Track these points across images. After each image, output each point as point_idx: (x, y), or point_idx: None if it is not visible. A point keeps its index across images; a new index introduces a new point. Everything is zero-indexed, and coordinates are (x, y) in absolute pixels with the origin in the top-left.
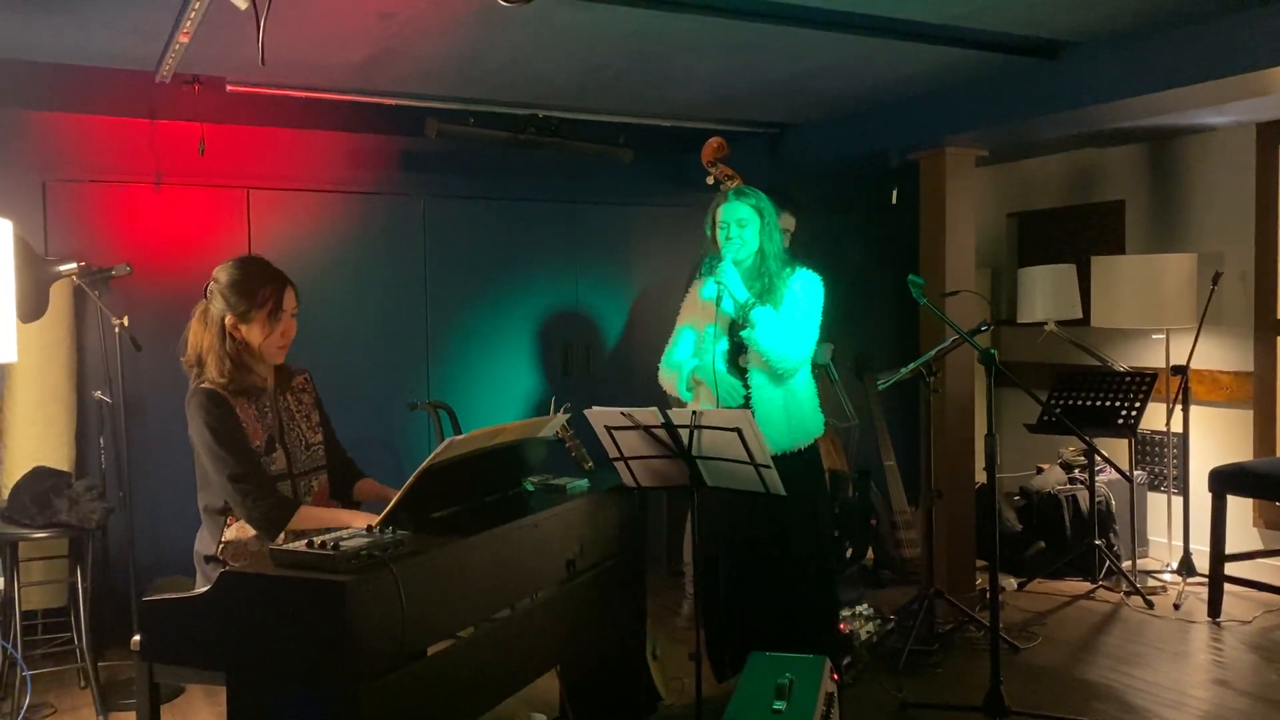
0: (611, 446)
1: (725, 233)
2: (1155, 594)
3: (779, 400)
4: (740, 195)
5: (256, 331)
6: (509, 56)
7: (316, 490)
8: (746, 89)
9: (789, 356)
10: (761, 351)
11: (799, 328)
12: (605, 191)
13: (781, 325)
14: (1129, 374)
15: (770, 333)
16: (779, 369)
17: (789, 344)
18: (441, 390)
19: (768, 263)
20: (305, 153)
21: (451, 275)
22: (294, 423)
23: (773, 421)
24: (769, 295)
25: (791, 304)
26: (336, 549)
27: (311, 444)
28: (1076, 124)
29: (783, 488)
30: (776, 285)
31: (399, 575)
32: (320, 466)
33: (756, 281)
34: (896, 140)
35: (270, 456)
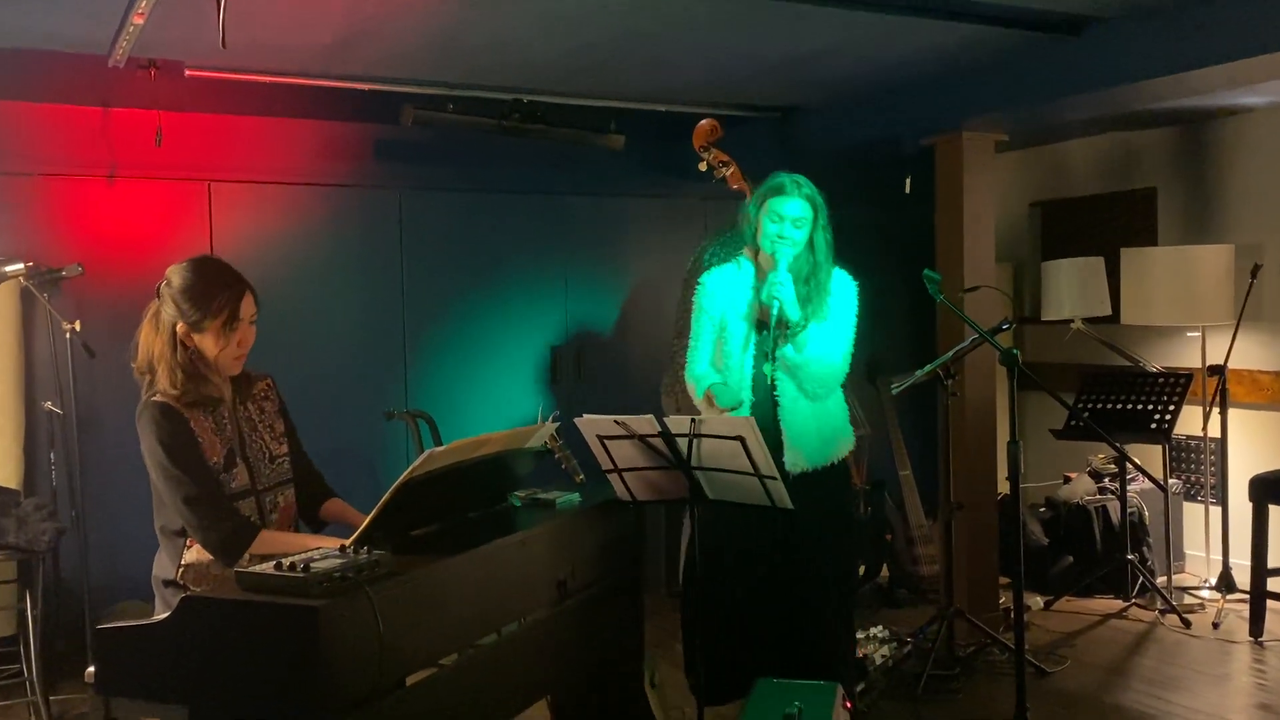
0: (604, 457)
1: (779, 231)
2: (1192, 612)
3: (810, 411)
4: (796, 186)
5: (210, 341)
6: (490, 37)
7: (283, 506)
8: (747, 71)
9: (831, 381)
10: (804, 378)
11: (844, 348)
12: (595, 182)
13: (829, 347)
14: (1162, 375)
15: (822, 359)
16: (817, 392)
17: (833, 370)
18: (420, 398)
19: (818, 271)
20: (271, 142)
21: (430, 274)
22: (256, 434)
23: (805, 434)
24: (815, 307)
25: (835, 317)
26: (307, 571)
27: (276, 456)
28: (1102, 106)
29: (789, 501)
30: (823, 291)
31: (375, 599)
32: (286, 480)
33: (802, 288)
34: (910, 125)
35: (230, 472)
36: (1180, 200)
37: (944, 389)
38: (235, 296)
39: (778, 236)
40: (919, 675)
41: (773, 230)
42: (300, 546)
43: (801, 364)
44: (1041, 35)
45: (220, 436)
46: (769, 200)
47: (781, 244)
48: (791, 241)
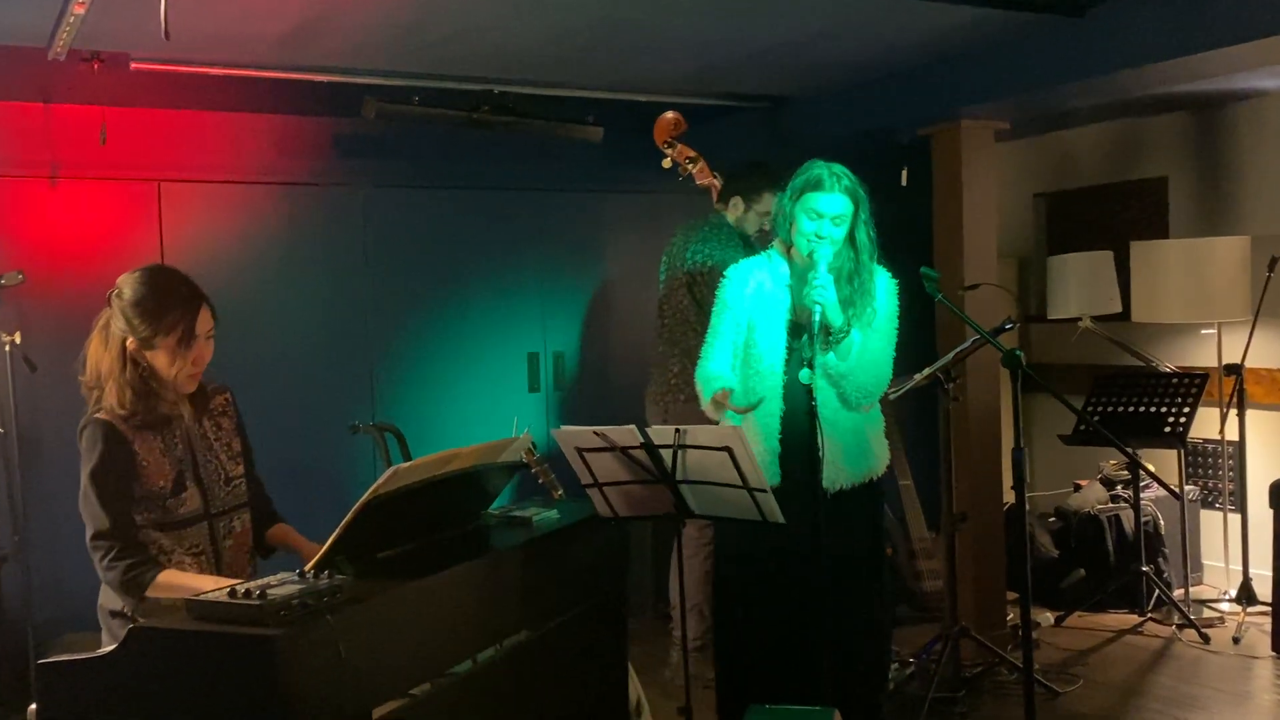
0: (584, 471)
1: (817, 229)
2: (1211, 626)
3: (851, 421)
4: (836, 180)
5: (164, 359)
6: (458, 24)
7: (238, 532)
8: (734, 58)
9: (875, 393)
10: (849, 389)
11: (890, 354)
12: (573, 177)
13: (873, 357)
14: (1176, 375)
15: (867, 368)
16: (859, 403)
17: (878, 380)
18: (388, 410)
19: (861, 271)
20: (224, 139)
21: (397, 277)
22: (211, 453)
23: (846, 446)
24: (859, 310)
25: (880, 322)
26: (263, 598)
27: (232, 478)
28: (1108, 91)
29: (781, 515)
30: (867, 293)
31: (337, 626)
32: (242, 504)
33: (845, 289)
34: (905, 114)
35: (179, 496)
36: (1193, 190)
37: (944, 393)
38: (190, 312)
39: (816, 235)
40: (923, 699)
41: (810, 228)
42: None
43: (846, 373)
44: (1043, 17)
45: (170, 457)
46: (806, 195)
47: (820, 244)
48: (831, 240)
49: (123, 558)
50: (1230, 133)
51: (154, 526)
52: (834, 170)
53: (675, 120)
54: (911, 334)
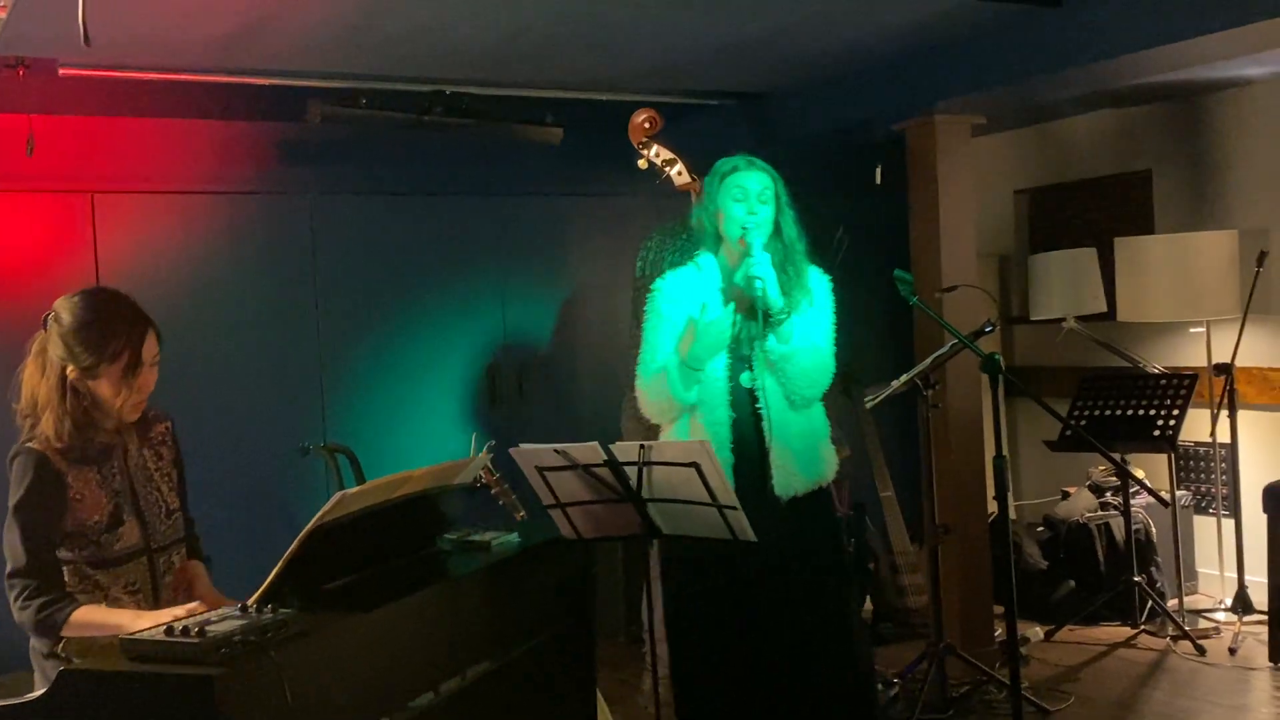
0: (545, 491)
1: (747, 208)
2: (1207, 637)
3: (799, 424)
4: (750, 162)
5: (107, 388)
6: (405, 22)
7: (178, 568)
8: (699, 54)
9: (820, 381)
10: (793, 375)
11: (827, 345)
12: (532, 180)
13: (814, 341)
14: (1164, 376)
15: (806, 351)
16: (805, 395)
17: (821, 366)
18: (341, 430)
19: (793, 254)
20: (161, 147)
21: (348, 289)
22: (151, 485)
23: (795, 451)
24: (795, 299)
25: (816, 312)
26: (201, 635)
27: (172, 510)
28: (1087, 83)
29: (753, 532)
30: (802, 281)
31: (282, 663)
32: (182, 538)
33: (781, 276)
34: (878, 109)
35: (115, 531)
36: (1178, 183)
37: (924, 400)
38: (136, 338)
39: (748, 215)
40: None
41: (740, 211)
42: (125, 625)
43: (789, 355)
44: (1020, 6)
45: (106, 490)
46: (728, 179)
47: (752, 224)
48: (760, 220)
49: (36, 597)
50: (1215, 123)
51: (88, 563)
52: (746, 156)
53: (650, 119)
54: (889, 339)
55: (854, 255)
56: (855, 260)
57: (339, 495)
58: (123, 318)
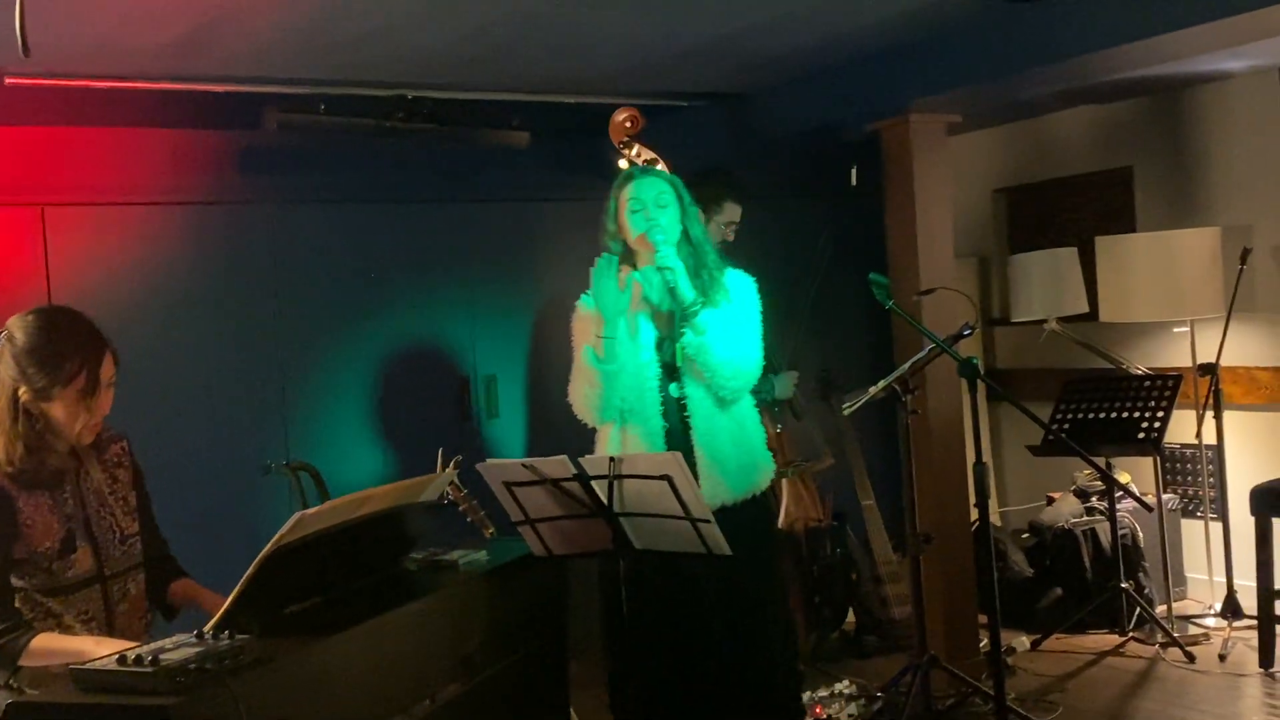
0: (514, 507)
1: (644, 215)
2: (1197, 644)
3: (728, 431)
4: (643, 170)
5: (61, 411)
6: (363, 25)
7: (133, 595)
8: (668, 54)
9: (742, 372)
10: (712, 365)
11: (752, 342)
12: (499, 186)
13: (733, 331)
14: (1148, 377)
15: (724, 341)
16: (729, 387)
17: (742, 356)
18: (304, 447)
19: (704, 254)
20: (113, 157)
21: (310, 301)
22: (105, 509)
23: (724, 459)
24: (709, 294)
25: (735, 309)
26: (156, 664)
27: (128, 536)
28: (1064, 79)
29: (727, 546)
30: (717, 281)
31: (239, 693)
32: (138, 564)
33: (694, 281)
34: (852, 109)
35: (68, 558)
36: (1159, 180)
37: (902, 407)
38: (93, 360)
39: (648, 224)
40: None
41: (640, 223)
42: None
43: (705, 346)
44: (994, 1)
45: (59, 515)
46: (622, 190)
47: (655, 232)
48: (662, 228)
49: None
50: (1196, 118)
51: (41, 591)
52: (648, 167)
53: (631, 118)
54: (868, 344)
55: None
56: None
57: (298, 516)
58: (78, 338)
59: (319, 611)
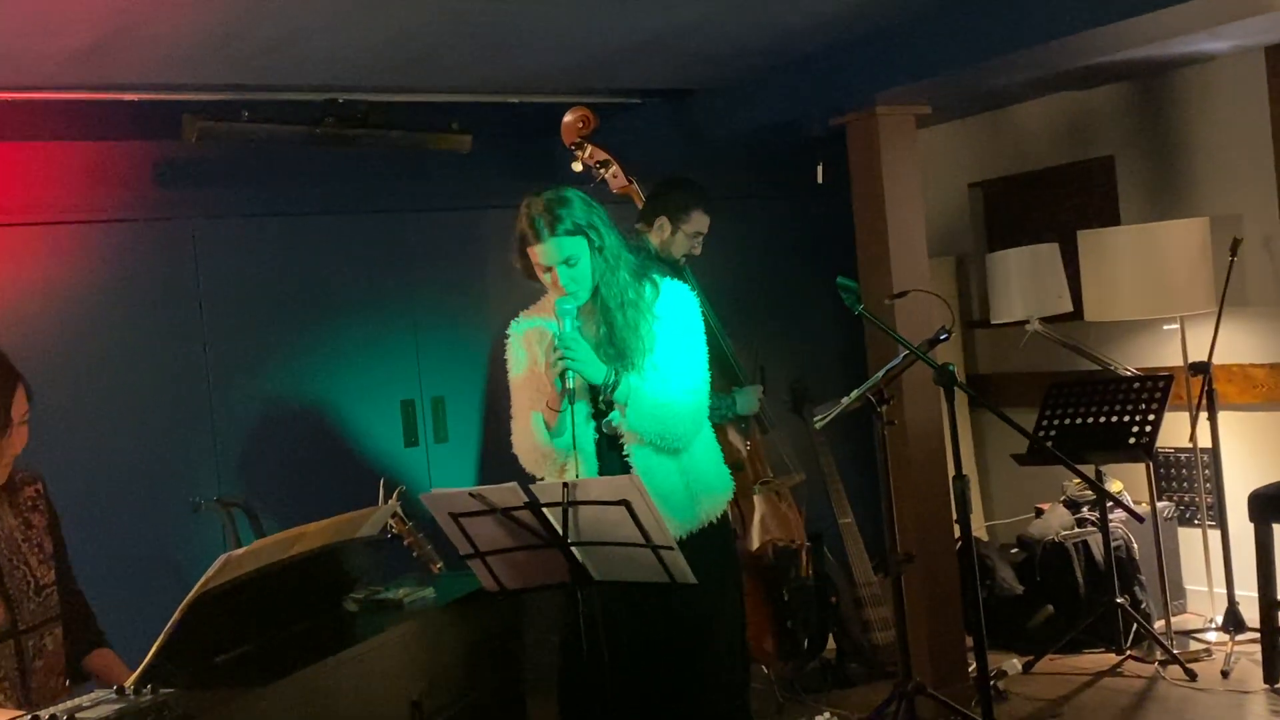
0: (461, 540)
1: (550, 280)
2: (1198, 660)
3: (672, 468)
4: (549, 221)
5: None
6: (285, 27)
7: (50, 651)
8: (614, 49)
9: (679, 434)
10: (648, 435)
11: (683, 384)
12: (440, 194)
13: (661, 393)
14: (1138, 378)
15: (648, 413)
16: (670, 446)
17: (675, 416)
18: (237, 481)
19: (615, 314)
20: (19, 173)
21: (239, 323)
22: (19, 557)
23: (672, 494)
24: (628, 356)
25: (666, 345)
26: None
27: (43, 586)
28: (1038, 65)
29: (692, 574)
30: (636, 328)
31: None
32: (55, 617)
33: (602, 329)
34: (813, 103)
35: None
36: (1142, 169)
37: (878, 418)
38: (3, 394)
39: (552, 287)
40: None
41: (546, 279)
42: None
43: (636, 424)
44: None
45: None
46: (527, 251)
47: (562, 300)
48: (570, 288)
49: None
50: (1179, 102)
51: None
52: (549, 208)
53: (583, 118)
54: (841, 352)
55: (800, 261)
56: (799, 267)
57: (224, 558)
58: None
59: (251, 660)
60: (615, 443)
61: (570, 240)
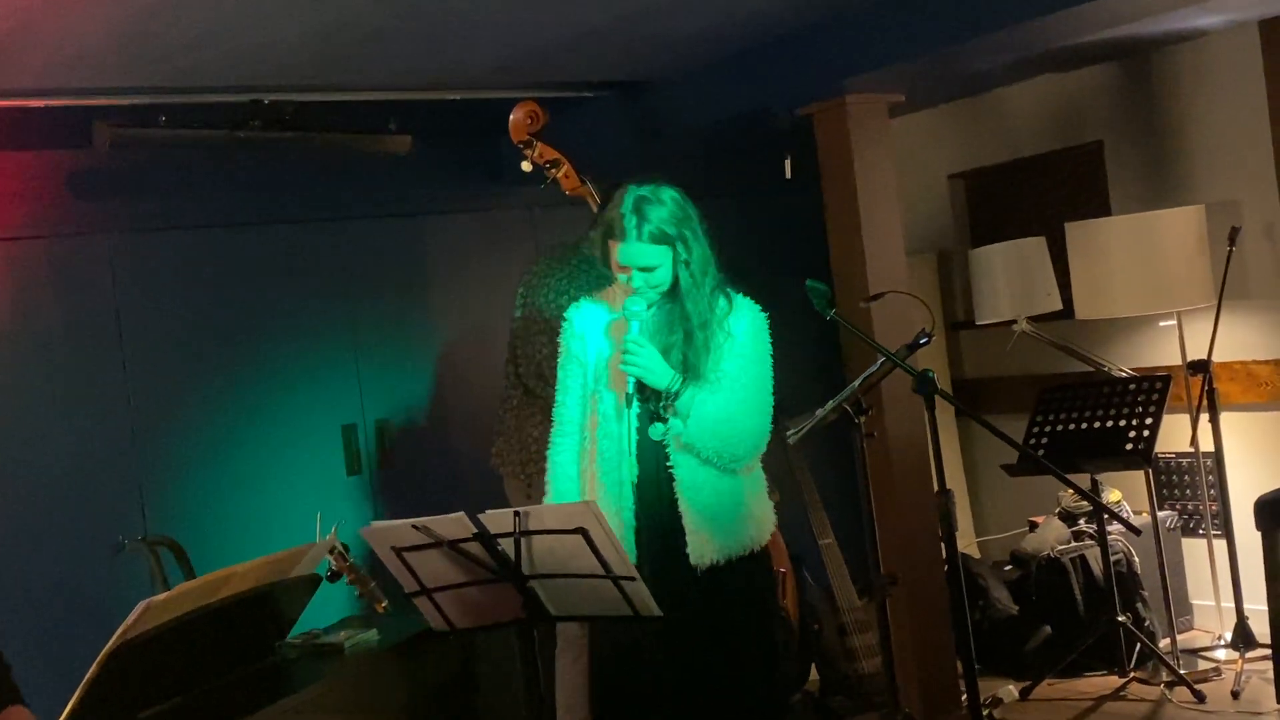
0: (407, 577)
1: (628, 280)
2: (1207, 680)
3: (717, 484)
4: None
5: None
6: (203, 23)
7: None
8: (562, 39)
9: (739, 454)
10: (709, 451)
11: (750, 404)
12: (378, 199)
13: (726, 409)
14: (1133, 380)
15: (710, 429)
16: (725, 466)
17: (738, 435)
18: (165, 519)
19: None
20: None
21: (163, 345)
22: None
23: (714, 514)
24: (699, 356)
25: (737, 362)
26: None
27: None
28: (1019, 46)
29: (656, 606)
30: (710, 339)
31: None
32: None
33: (675, 336)
34: (779, 92)
35: None
36: (1133, 154)
37: (856, 429)
38: None
39: (627, 287)
40: None
41: (622, 279)
42: None
43: (696, 437)
44: None
45: None
46: (608, 243)
47: (631, 297)
48: (644, 291)
49: None
50: (1170, 83)
51: None
52: (638, 205)
53: (531, 113)
54: (817, 359)
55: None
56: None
57: (144, 604)
58: None
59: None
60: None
61: (655, 249)
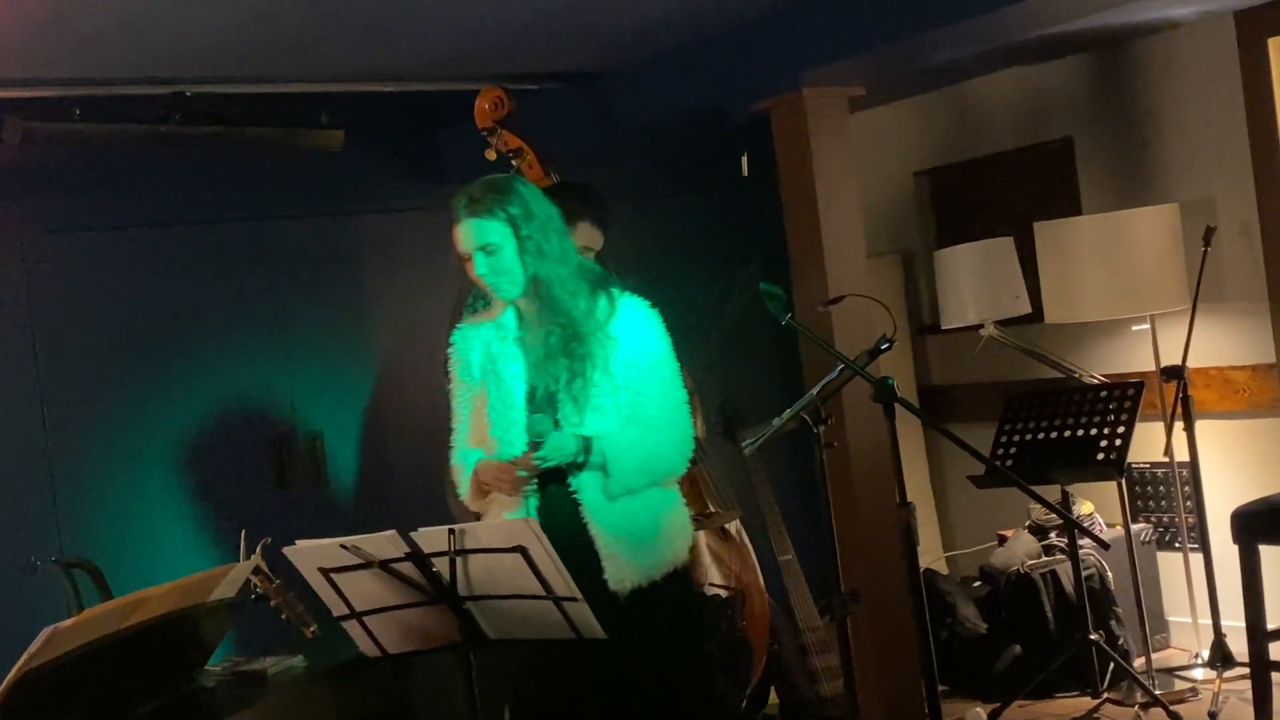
0: (334, 599)
1: (473, 271)
2: (1183, 701)
3: (638, 504)
4: (470, 204)
5: None
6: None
7: None
8: (504, 27)
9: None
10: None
11: (665, 417)
12: (309, 197)
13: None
14: (1105, 386)
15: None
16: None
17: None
18: (81, 538)
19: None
20: None
21: (80, 353)
22: None
23: (630, 534)
24: (579, 360)
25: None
26: None
27: None
28: (981, 38)
29: (600, 629)
30: (588, 338)
31: None
32: None
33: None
34: (734, 86)
35: None
36: (1104, 151)
37: (815, 439)
38: None
39: (478, 278)
40: None
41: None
42: None
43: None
44: None
45: None
46: (454, 233)
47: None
48: (491, 278)
49: None
50: (1142, 76)
51: None
52: (469, 190)
53: (495, 100)
54: (775, 366)
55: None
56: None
57: (48, 631)
58: None
59: None
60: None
61: (488, 224)
